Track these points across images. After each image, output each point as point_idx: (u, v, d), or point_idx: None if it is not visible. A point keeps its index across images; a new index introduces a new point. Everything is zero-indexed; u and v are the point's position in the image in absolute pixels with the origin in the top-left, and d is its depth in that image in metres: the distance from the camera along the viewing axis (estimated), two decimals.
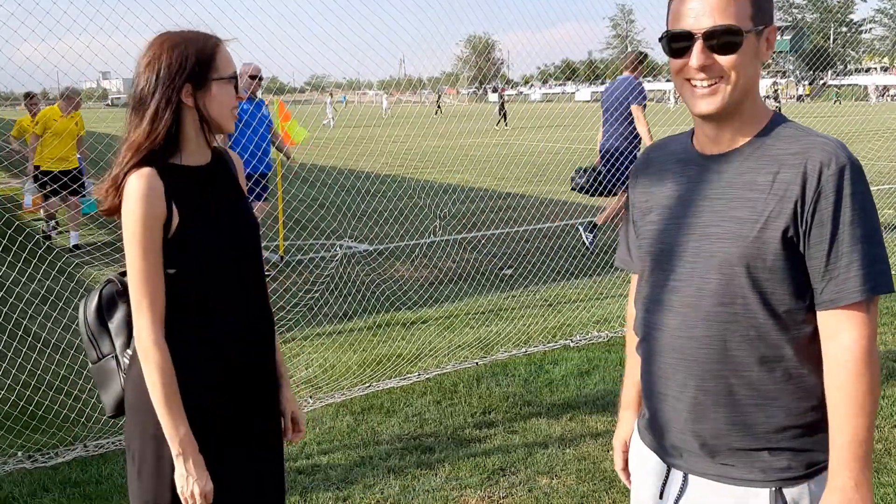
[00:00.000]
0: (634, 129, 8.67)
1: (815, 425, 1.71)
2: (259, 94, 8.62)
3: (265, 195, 8.77)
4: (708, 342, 1.72)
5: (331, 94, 38.18)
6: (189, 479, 2.06)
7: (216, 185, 2.26)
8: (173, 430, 2.05)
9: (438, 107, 40.33)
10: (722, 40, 1.65)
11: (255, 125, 8.30)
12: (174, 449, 2.06)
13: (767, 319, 1.68)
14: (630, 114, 8.63)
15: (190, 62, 2.11)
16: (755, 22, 1.67)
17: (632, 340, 2.07)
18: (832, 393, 1.66)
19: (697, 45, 1.66)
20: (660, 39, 1.75)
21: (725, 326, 1.70)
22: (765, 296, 1.67)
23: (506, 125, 37.38)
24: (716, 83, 1.68)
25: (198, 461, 2.07)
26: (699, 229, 1.74)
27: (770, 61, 1.81)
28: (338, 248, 9.81)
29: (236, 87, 2.21)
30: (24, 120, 11.74)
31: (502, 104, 38.88)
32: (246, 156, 8.11)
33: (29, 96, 12.01)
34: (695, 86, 1.70)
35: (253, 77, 8.20)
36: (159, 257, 2.09)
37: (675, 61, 1.72)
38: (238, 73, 2.25)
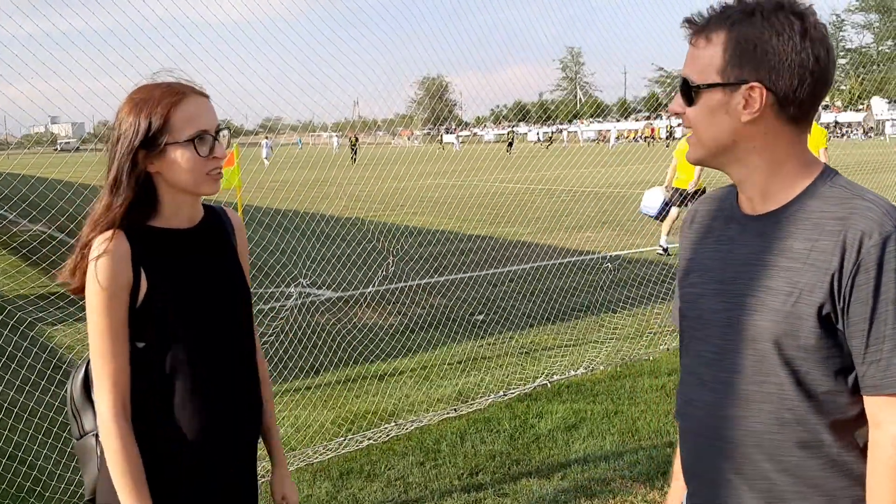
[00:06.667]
0: None
1: None
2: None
3: None
4: (741, 424, 1.60)
5: (266, 137, 37.76)
6: None
7: (200, 249, 2.09)
8: None
9: (354, 151, 38.85)
10: (681, 91, 1.61)
11: None
12: None
13: (803, 402, 1.54)
14: None
15: (142, 128, 1.92)
16: (724, 76, 1.54)
17: None
18: (870, 485, 1.53)
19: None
20: None
21: (759, 407, 1.57)
22: (798, 375, 1.53)
23: (354, 162, 36.10)
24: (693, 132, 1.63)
25: None
26: (733, 297, 1.61)
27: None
28: (293, 291, 9.51)
29: (211, 145, 1.96)
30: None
31: (353, 145, 38.81)
32: None
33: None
34: None
35: None
36: (124, 329, 1.94)
37: None
38: (207, 128, 1.95)
